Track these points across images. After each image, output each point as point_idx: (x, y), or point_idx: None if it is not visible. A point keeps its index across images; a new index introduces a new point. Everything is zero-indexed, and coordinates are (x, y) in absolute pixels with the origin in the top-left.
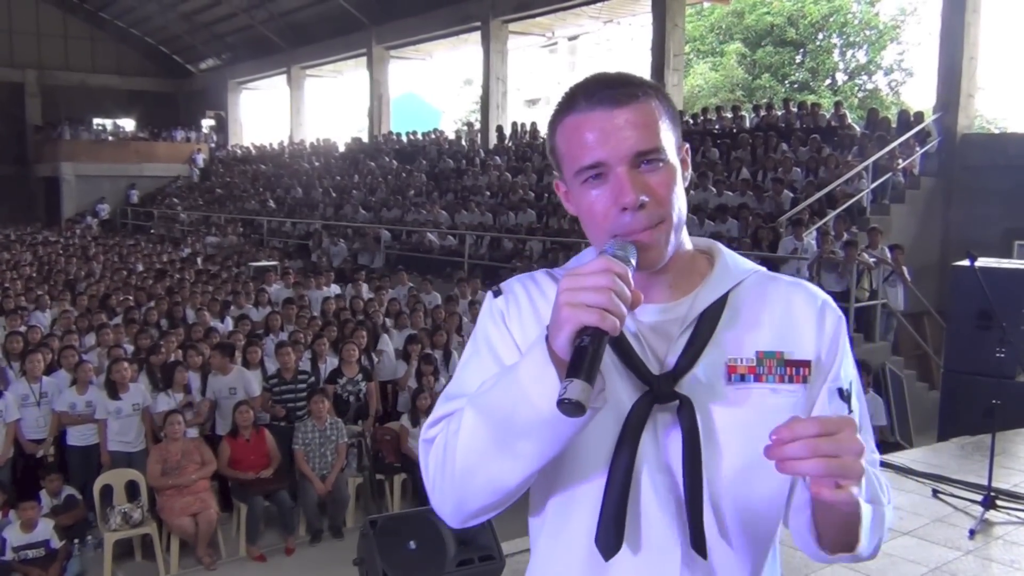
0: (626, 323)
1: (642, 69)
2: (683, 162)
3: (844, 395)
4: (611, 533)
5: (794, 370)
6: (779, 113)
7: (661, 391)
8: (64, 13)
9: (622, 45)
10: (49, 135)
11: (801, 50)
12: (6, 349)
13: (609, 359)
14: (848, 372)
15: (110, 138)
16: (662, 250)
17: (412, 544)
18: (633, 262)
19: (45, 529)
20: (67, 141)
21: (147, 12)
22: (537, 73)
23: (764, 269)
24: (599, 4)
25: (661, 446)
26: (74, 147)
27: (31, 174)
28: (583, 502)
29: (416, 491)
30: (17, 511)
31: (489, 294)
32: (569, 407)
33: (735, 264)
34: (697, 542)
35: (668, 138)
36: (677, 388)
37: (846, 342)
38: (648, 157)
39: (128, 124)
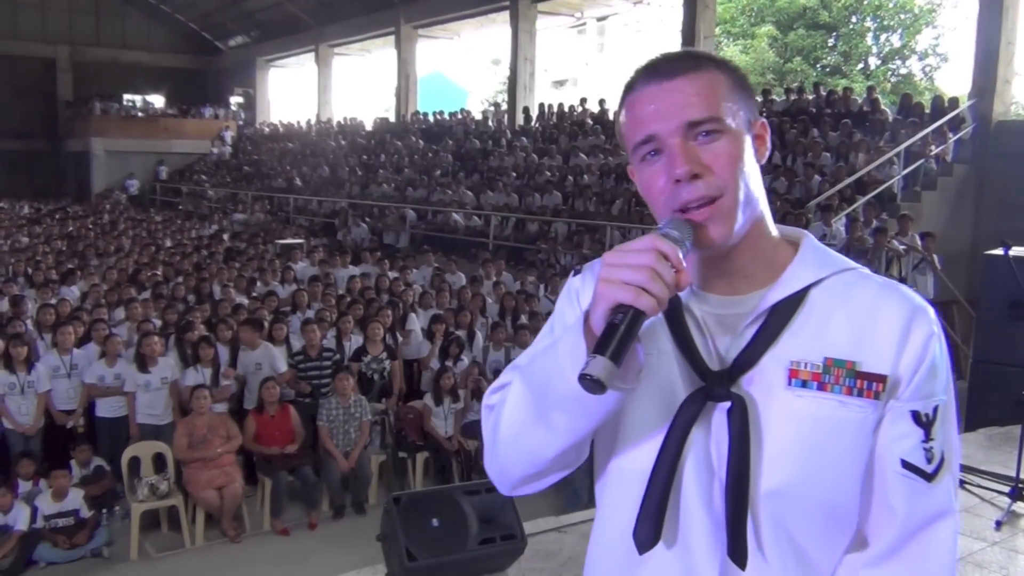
0: (692, 311)
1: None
2: (758, 138)
3: (921, 419)
4: (649, 527)
5: (865, 384)
6: (810, 97)
7: (715, 389)
8: None
9: (652, 26)
10: (80, 111)
11: (834, 33)
12: (38, 321)
13: (669, 346)
14: (934, 393)
15: (140, 114)
16: (723, 229)
17: (435, 521)
18: (688, 243)
19: (75, 499)
20: (97, 117)
21: None
22: (565, 54)
23: (860, 267)
24: None
25: (710, 446)
26: (104, 123)
27: (62, 149)
28: (631, 486)
29: (439, 470)
30: (48, 480)
31: (572, 272)
32: (589, 383)
33: (822, 258)
34: (736, 552)
35: (731, 109)
36: (733, 388)
37: (939, 359)
38: (704, 128)
39: (158, 101)
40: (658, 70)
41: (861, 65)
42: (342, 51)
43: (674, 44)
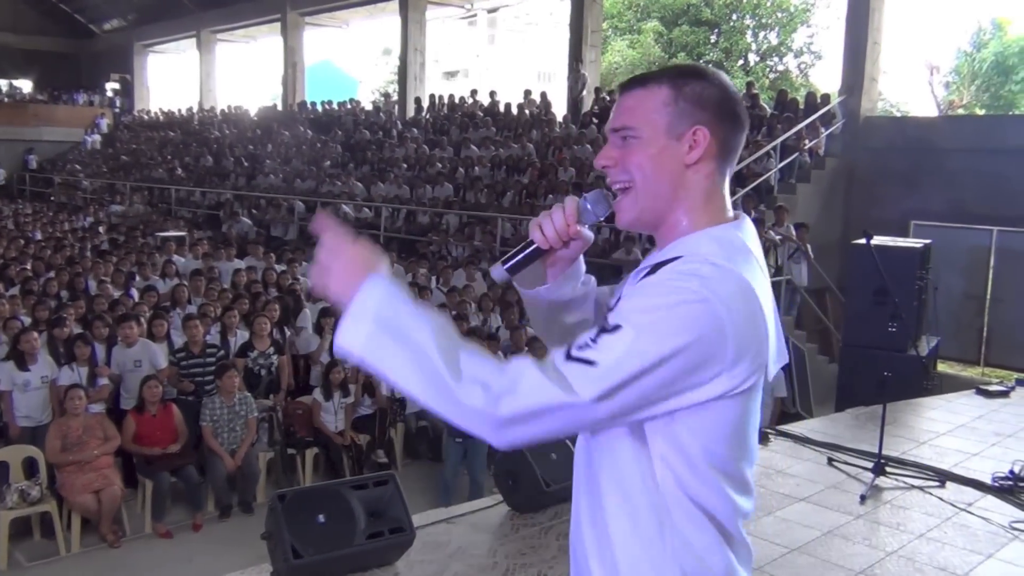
0: None
1: (560, 44)
2: (691, 146)
3: (602, 329)
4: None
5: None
6: None
7: None
8: None
9: (541, 19)
10: None
11: (716, 30)
12: None
13: None
14: (622, 313)
15: (5, 99)
16: (625, 212)
17: (321, 517)
18: (597, 210)
19: None
20: None
21: None
22: (456, 45)
23: (723, 263)
24: None
25: None
26: None
27: None
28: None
29: (329, 466)
30: None
31: None
32: (495, 278)
33: (681, 247)
34: None
35: (653, 120)
36: None
37: (647, 292)
38: (621, 133)
39: (25, 85)
40: (621, 85)
41: (741, 62)
42: (225, 37)
43: (563, 37)
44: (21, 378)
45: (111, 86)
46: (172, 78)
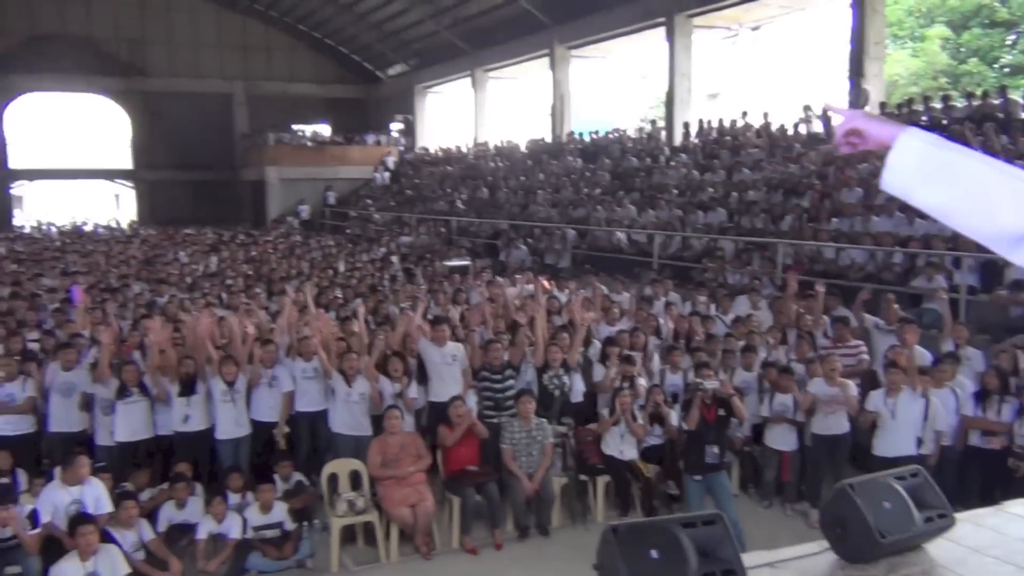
0: None
1: (832, 58)
2: None
3: None
4: None
5: None
6: (996, 102)
7: None
8: (267, 26)
9: (809, 33)
10: (255, 142)
11: (1013, 31)
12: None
13: None
14: None
15: (309, 143)
16: None
17: (654, 553)
18: None
19: (280, 511)
20: (271, 147)
21: (341, 22)
22: (716, 64)
23: None
24: None
25: None
26: (277, 152)
27: (239, 178)
28: None
29: (619, 494)
30: (255, 493)
31: None
32: None
33: None
34: None
35: None
36: None
37: None
38: None
39: (324, 130)
40: None
41: None
42: (496, 75)
43: (833, 51)
44: (344, 391)
45: (395, 126)
46: (447, 115)
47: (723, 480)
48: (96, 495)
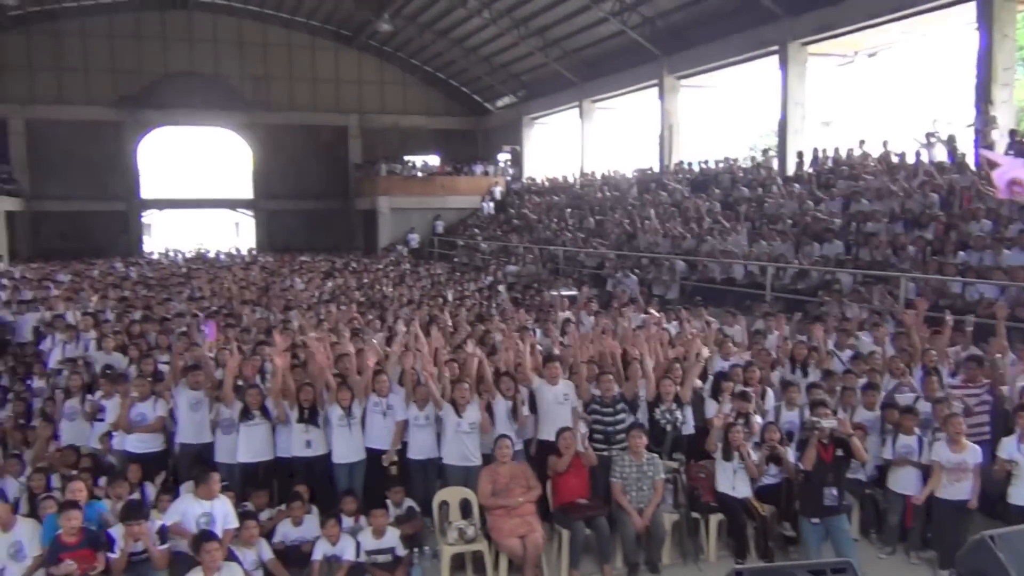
0: None
1: (954, 83)
2: None
3: None
4: None
5: None
6: None
7: None
8: (381, 62)
9: (930, 58)
10: (368, 172)
11: None
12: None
13: None
14: None
15: (419, 174)
16: None
17: None
18: None
19: (392, 537)
20: (383, 177)
21: (452, 56)
22: (830, 91)
23: None
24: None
25: None
26: (389, 182)
27: (351, 207)
28: None
29: (733, 533)
30: (368, 518)
31: None
32: None
33: None
34: None
35: None
36: None
37: None
38: None
39: (434, 160)
40: None
41: None
42: (603, 105)
43: (963, 76)
44: (453, 421)
45: (503, 157)
46: (552, 145)
47: (842, 524)
48: (225, 511)
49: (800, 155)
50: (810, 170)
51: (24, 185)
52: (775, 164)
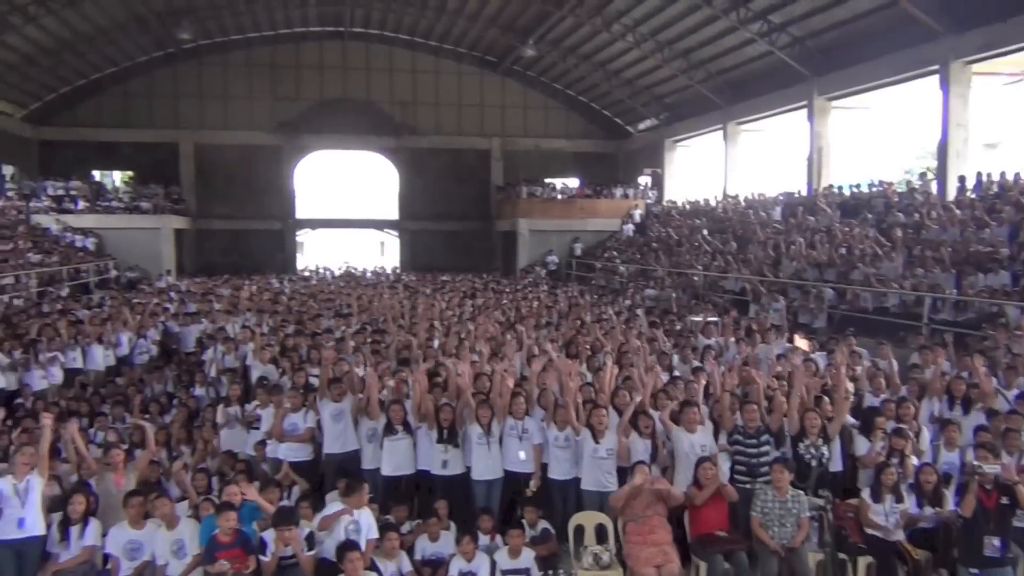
0: None
1: None
2: None
3: None
4: None
5: None
6: None
7: None
8: (524, 87)
9: None
10: (509, 194)
11: None
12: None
13: None
14: None
15: (559, 196)
16: None
17: None
18: None
19: (528, 558)
20: (523, 200)
21: (594, 80)
22: (994, 110)
23: None
24: None
25: None
26: (529, 205)
27: (492, 228)
28: None
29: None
30: (506, 537)
31: None
32: None
33: None
34: None
35: None
36: None
37: None
38: None
39: (573, 183)
40: None
41: None
42: (749, 127)
43: None
44: (591, 447)
45: (643, 179)
46: (694, 168)
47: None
48: (369, 521)
49: (962, 179)
50: (973, 195)
51: (191, 205)
52: (934, 188)
